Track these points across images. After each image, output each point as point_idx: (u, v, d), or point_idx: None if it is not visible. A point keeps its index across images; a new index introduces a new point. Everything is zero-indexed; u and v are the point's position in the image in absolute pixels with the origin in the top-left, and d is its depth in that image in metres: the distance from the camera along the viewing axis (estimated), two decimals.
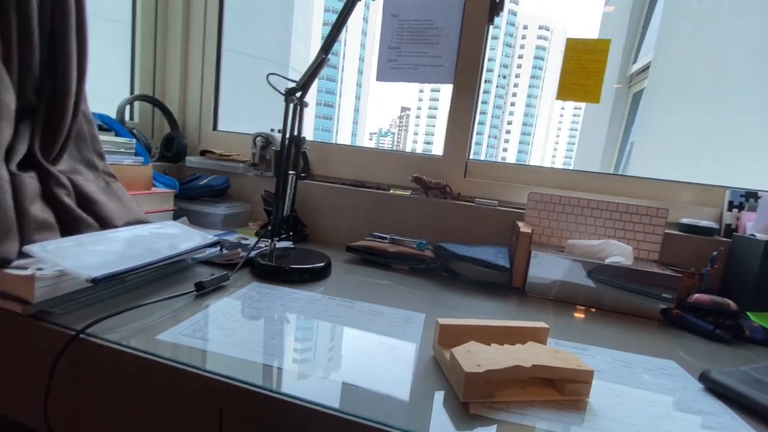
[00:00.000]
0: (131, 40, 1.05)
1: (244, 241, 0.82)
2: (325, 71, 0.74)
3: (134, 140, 0.85)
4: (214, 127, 1.14)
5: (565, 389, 0.40)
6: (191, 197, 0.95)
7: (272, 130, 1.02)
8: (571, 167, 1.11)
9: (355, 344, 0.47)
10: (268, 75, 0.68)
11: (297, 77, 0.70)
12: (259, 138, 0.98)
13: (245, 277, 0.66)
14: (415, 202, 0.92)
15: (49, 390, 0.43)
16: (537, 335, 0.48)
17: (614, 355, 0.51)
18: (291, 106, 0.67)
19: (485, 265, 0.74)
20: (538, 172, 0.94)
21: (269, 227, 0.72)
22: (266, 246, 0.72)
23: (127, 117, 0.98)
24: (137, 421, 0.44)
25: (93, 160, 0.65)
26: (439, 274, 0.80)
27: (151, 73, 1.08)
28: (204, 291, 0.56)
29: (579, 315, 0.66)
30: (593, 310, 0.69)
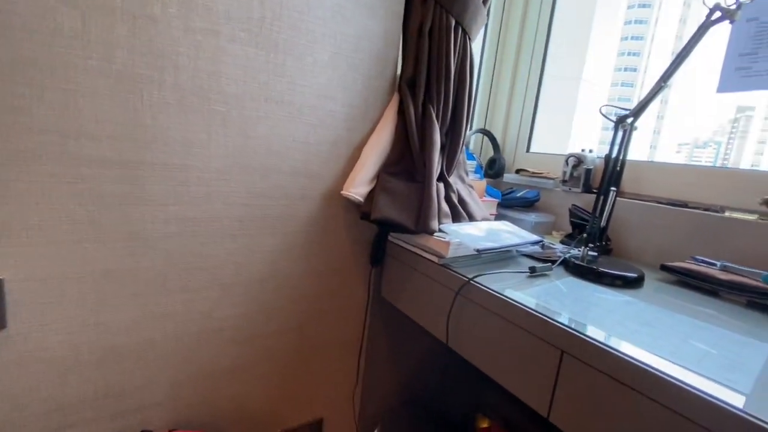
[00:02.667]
0: (476, 85, 1.43)
1: (552, 246, 0.98)
2: (622, 72, 0.78)
3: (476, 162, 1.19)
4: (527, 149, 1.37)
5: None
6: (508, 206, 1.21)
7: (583, 150, 1.13)
8: None
9: (678, 343, 0.53)
10: (601, 107, 0.81)
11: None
12: (571, 158, 1.12)
13: (560, 272, 0.82)
14: (764, 228, 0.79)
15: (450, 314, 0.74)
16: None
17: None
18: (621, 131, 0.78)
19: None
20: None
21: (584, 235, 0.85)
22: (578, 251, 0.85)
23: (471, 145, 1.35)
24: (500, 342, 0.67)
25: (463, 176, 0.99)
26: None
27: (486, 108, 1.43)
28: (535, 274, 0.76)
29: None
30: None
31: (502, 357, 0.66)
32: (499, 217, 1.17)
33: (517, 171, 1.31)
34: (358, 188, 0.84)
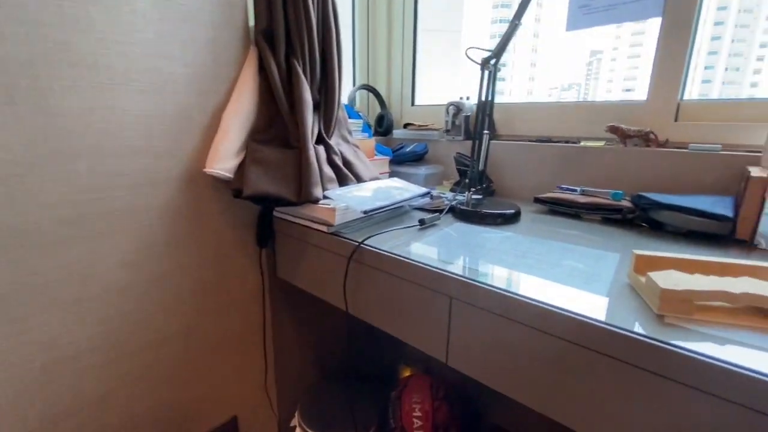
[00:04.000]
0: (352, 42, 1.35)
1: (442, 195, 1.00)
2: (498, 24, 0.80)
3: (362, 121, 1.14)
4: (412, 103, 1.35)
5: None
6: (400, 162, 1.19)
7: (461, 98, 1.15)
8: None
9: (549, 267, 0.57)
10: (467, 49, 0.80)
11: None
12: (451, 107, 1.13)
13: (449, 219, 0.83)
14: (610, 153, 0.89)
15: (345, 279, 0.70)
16: (757, 273, 0.46)
17: None
18: (487, 73, 0.78)
19: (699, 214, 0.69)
20: None
21: (467, 180, 0.87)
22: (463, 196, 0.87)
23: (357, 102, 1.29)
24: (397, 301, 0.66)
25: (346, 136, 0.93)
26: (638, 224, 0.79)
27: (366, 64, 1.37)
28: (425, 226, 0.76)
29: None
30: None
31: (399, 313, 0.65)
32: (392, 174, 1.16)
33: (405, 125, 1.30)
34: (223, 163, 0.73)
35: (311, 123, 0.78)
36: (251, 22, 0.80)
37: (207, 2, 0.72)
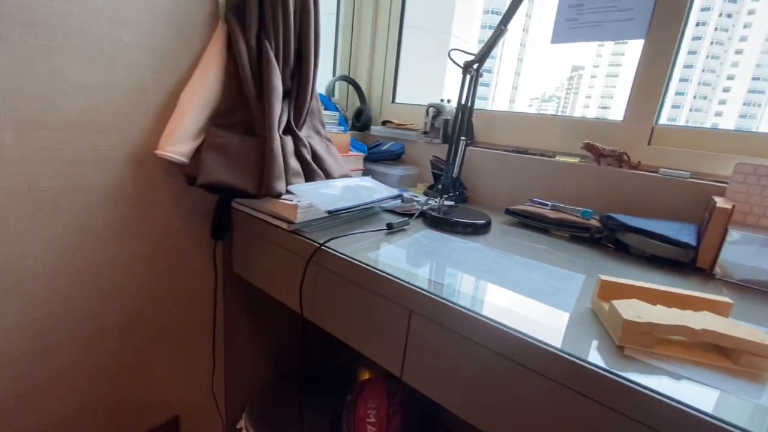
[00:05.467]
0: (335, 30, 1.29)
1: (415, 198, 0.97)
2: (487, 29, 0.78)
3: (338, 113, 1.09)
4: (393, 100, 1.32)
5: (741, 359, 0.39)
6: (375, 160, 1.15)
7: (442, 100, 1.12)
8: None
9: (513, 285, 0.55)
10: (449, 51, 0.77)
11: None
12: (431, 108, 1.10)
13: (419, 224, 0.80)
14: (584, 170, 0.89)
15: (303, 281, 0.66)
16: (716, 308, 0.46)
17: None
18: (468, 77, 0.75)
19: (663, 240, 0.69)
20: (752, 138, 0.78)
21: (440, 185, 0.84)
22: (435, 202, 0.85)
23: (336, 94, 1.24)
24: (355, 308, 0.62)
25: (319, 128, 0.88)
26: (604, 245, 0.79)
27: (348, 55, 1.31)
28: (392, 230, 0.73)
29: None
30: None
31: (356, 322, 0.61)
32: (366, 172, 1.12)
33: (384, 123, 1.26)
34: (177, 146, 0.67)
35: (279, 111, 0.73)
36: None
37: None
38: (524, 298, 0.51)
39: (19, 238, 0.59)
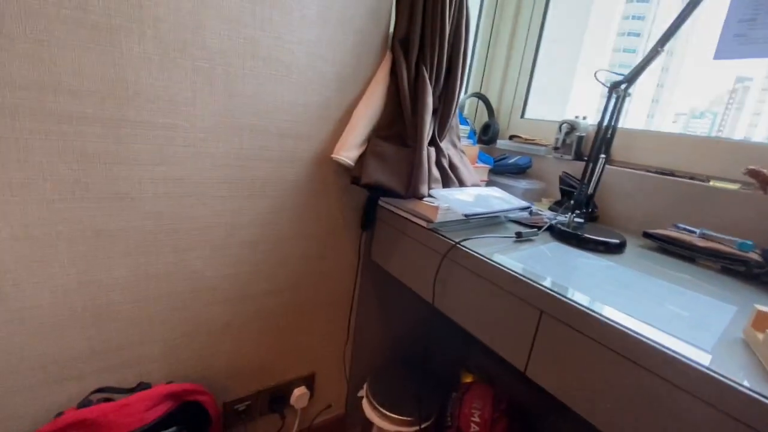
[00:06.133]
0: (473, 47, 1.38)
1: (540, 212, 1.00)
2: (625, 37, 0.76)
3: (469, 127, 1.18)
4: (522, 115, 1.35)
5: None
6: (500, 172, 1.21)
7: (576, 117, 1.12)
8: None
9: (650, 303, 0.55)
10: (596, 72, 0.79)
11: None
12: (564, 125, 1.11)
13: (546, 237, 0.83)
14: (745, 198, 0.81)
15: (436, 276, 0.76)
16: None
17: None
18: (614, 97, 0.77)
19: None
20: None
21: (572, 201, 0.86)
22: (564, 218, 0.87)
23: (466, 109, 1.33)
24: (484, 303, 0.70)
25: (455, 141, 0.98)
26: (765, 282, 0.71)
27: (482, 71, 1.40)
28: (521, 239, 0.78)
29: None
30: None
31: (484, 316, 0.69)
32: (490, 183, 1.18)
33: (511, 137, 1.30)
34: (348, 152, 0.84)
35: (429, 126, 0.85)
36: (391, 29, 0.89)
37: (360, 10, 0.83)
38: (664, 320, 0.52)
39: (237, 212, 0.81)
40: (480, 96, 1.36)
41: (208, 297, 0.83)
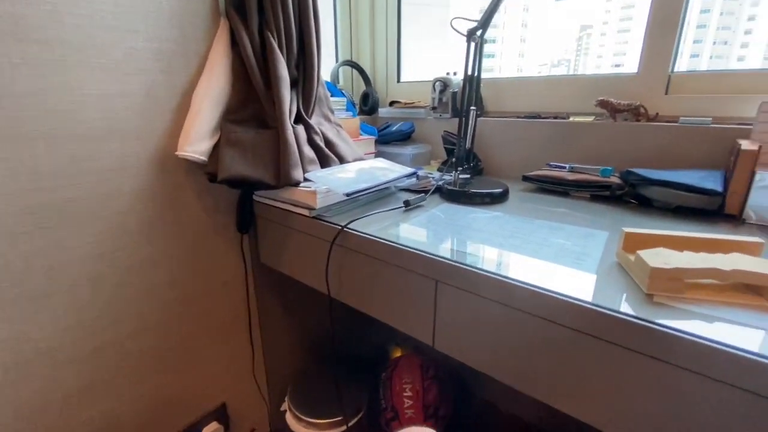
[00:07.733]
0: (333, 14, 1.28)
1: (429, 175, 0.97)
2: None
3: (345, 99, 1.09)
4: (398, 80, 1.30)
5: None
6: (385, 141, 1.16)
7: (448, 73, 1.11)
8: None
9: (535, 247, 0.55)
10: (451, 20, 0.76)
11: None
12: (437, 83, 1.09)
13: (436, 199, 0.81)
14: (600, 128, 0.87)
15: (328, 264, 0.68)
16: (746, 249, 0.45)
17: None
18: (473, 45, 0.74)
19: (688, 189, 0.68)
20: None
21: (453, 159, 0.84)
22: (450, 176, 0.85)
23: (341, 80, 1.24)
24: (382, 284, 0.64)
25: (328, 115, 0.89)
26: (627, 201, 0.77)
27: (349, 39, 1.31)
28: (410, 207, 0.74)
29: None
30: None
31: (384, 297, 0.63)
32: (378, 154, 1.12)
33: (391, 103, 1.25)
34: (195, 145, 0.69)
35: (289, 101, 0.74)
36: None
37: None
38: (549, 258, 0.51)
39: (57, 247, 0.62)
40: (352, 64, 1.27)
41: (42, 364, 0.64)
